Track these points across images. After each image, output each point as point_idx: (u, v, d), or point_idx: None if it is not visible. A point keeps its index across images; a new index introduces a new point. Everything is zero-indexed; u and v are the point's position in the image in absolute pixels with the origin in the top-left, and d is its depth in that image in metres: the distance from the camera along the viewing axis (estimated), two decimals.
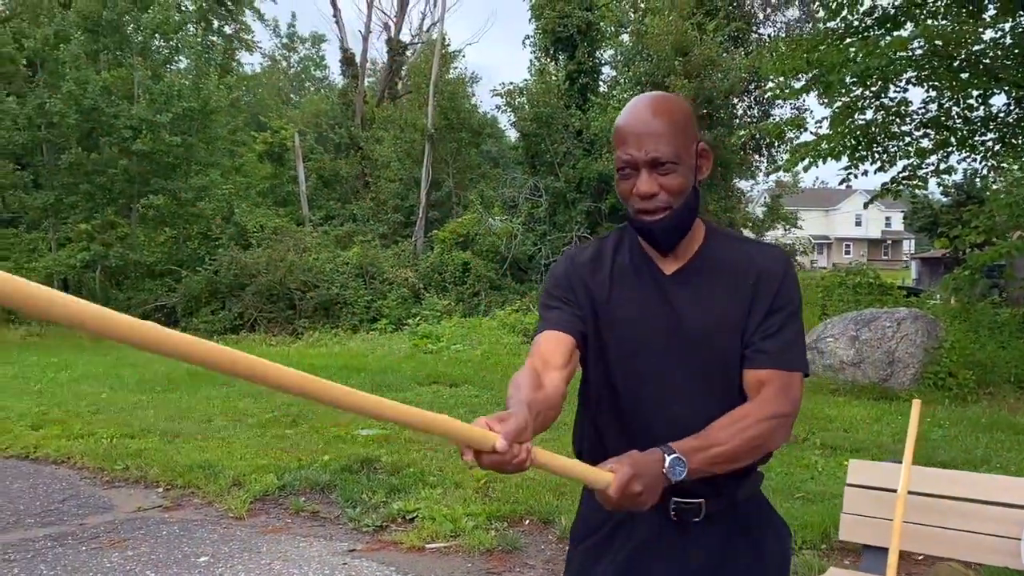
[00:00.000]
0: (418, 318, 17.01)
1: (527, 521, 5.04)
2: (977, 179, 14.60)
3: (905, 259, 59.78)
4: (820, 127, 13.47)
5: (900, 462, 3.16)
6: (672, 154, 1.50)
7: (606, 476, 1.29)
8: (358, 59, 30.87)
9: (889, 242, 69.09)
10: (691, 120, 1.58)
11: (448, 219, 22.65)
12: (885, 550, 3.04)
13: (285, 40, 55.08)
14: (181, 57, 22.63)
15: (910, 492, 2.89)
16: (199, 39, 23.53)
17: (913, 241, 58.90)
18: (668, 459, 1.33)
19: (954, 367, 9.12)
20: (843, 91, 12.33)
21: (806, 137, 14.29)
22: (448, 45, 27.90)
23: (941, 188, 28.47)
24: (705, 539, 1.58)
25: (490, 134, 27.59)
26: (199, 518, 5.33)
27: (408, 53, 33.05)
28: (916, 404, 2.92)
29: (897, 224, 63.08)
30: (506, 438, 1.17)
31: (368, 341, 16.01)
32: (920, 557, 4.02)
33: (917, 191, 15.31)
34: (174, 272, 19.99)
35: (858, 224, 67.21)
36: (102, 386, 10.05)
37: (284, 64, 56.39)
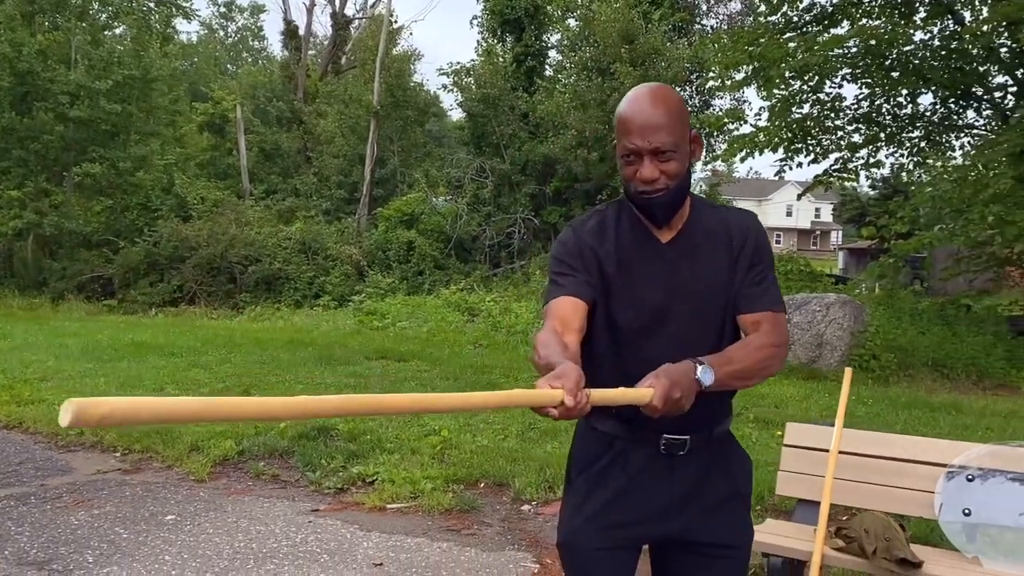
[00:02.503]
0: (362, 295, 17.08)
1: (482, 484, 5.30)
2: (903, 173, 15.31)
3: (833, 249, 61.66)
4: (759, 119, 13.96)
5: (832, 425, 3.52)
6: (672, 143, 1.73)
7: (647, 392, 1.53)
8: (302, 31, 30.49)
9: (818, 232, 71.09)
10: (686, 110, 1.81)
11: (393, 197, 22.68)
12: (817, 503, 3.40)
13: (223, 9, 53.82)
14: (120, 23, 22.06)
15: (840, 452, 3.23)
16: (138, 3, 22.95)
17: (841, 232, 60.73)
18: (699, 368, 1.62)
19: (877, 350, 9.69)
20: (782, 85, 12.82)
21: (745, 129, 14.78)
22: (395, 21, 27.77)
23: (869, 182, 29.58)
24: (687, 468, 1.85)
25: (435, 113, 27.59)
26: (160, 480, 5.45)
27: (352, 27, 32.75)
28: (848, 372, 3.26)
29: (826, 215, 65.06)
30: (571, 393, 1.41)
31: (312, 317, 16.05)
32: (848, 510, 4.41)
33: (847, 183, 15.98)
34: (111, 243, 19.62)
35: (789, 215, 68.93)
36: (46, 355, 9.96)
37: (221, 33, 55.15)
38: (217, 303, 18.23)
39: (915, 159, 14.09)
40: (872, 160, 14.13)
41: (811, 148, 13.83)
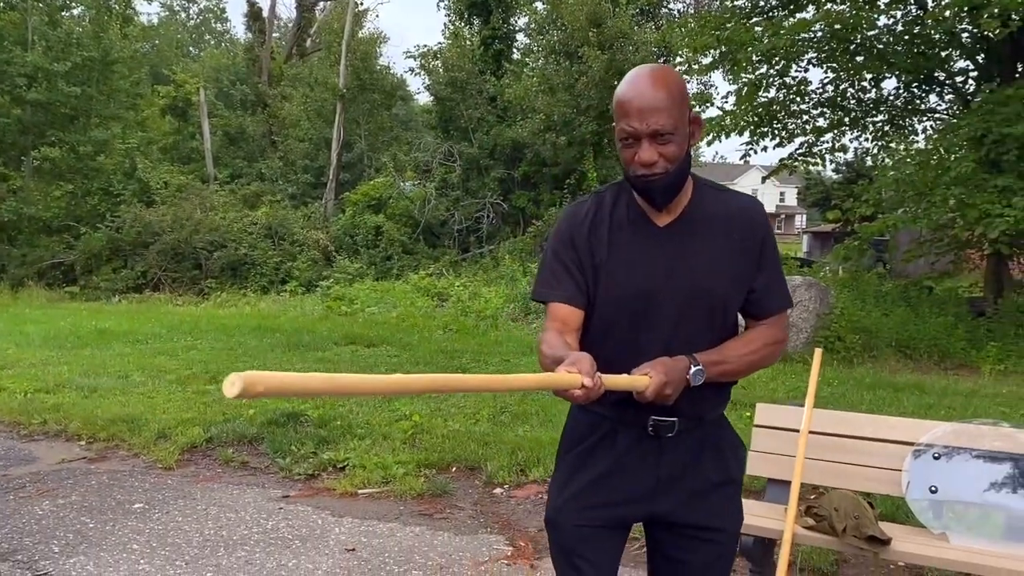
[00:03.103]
0: (330, 281, 16.94)
1: (454, 468, 5.30)
2: (868, 157, 15.50)
3: (797, 232, 62.38)
4: (726, 102, 14.01)
5: (802, 405, 3.56)
6: (671, 126, 1.70)
7: (643, 380, 1.65)
8: (265, 13, 30.05)
9: (783, 216, 71.85)
10: (685, 92, 1.77)
11: (360, 181, 22.48)
12: (787, 483, 3.44)
13: None
14: (78, 4, 21.55)
15: (810, 432, 3.27)
16: None
17: (805, 215, 61.42)
18: (693, 369, 1.70)
19: (842, 332, 9.81)
20: (749, 69, 12.88)
21: (712, 112, 14.85)
22: (361, 3, 27.45)
23: (833, 166, 29.90)
24: (676, 450, 1.85)
25: (402, 97, 27.37)
26: (127, 469, 5.38)
27: (317, 9, 32.33)
28: (818, 352, 3.29)
29: (791, 199, 65.77)
30: (588, 375, 1.52)
31: (279, 302, 15.91)
32: (817, 489, 4.47)
33: (812, 168, 16.12)
34: (72, 228, 19.26)
35: None
36: (7, 343, 9.77)
37: (183, 15, 54.16)
38: (182, 289, 17.99)
39: (879, 143, 14.26)
40: (837, 144, 14.28)
41: (777, 132, 13.92)
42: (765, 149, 14.30)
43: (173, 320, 12.66)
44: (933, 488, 3.10)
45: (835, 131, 13.99)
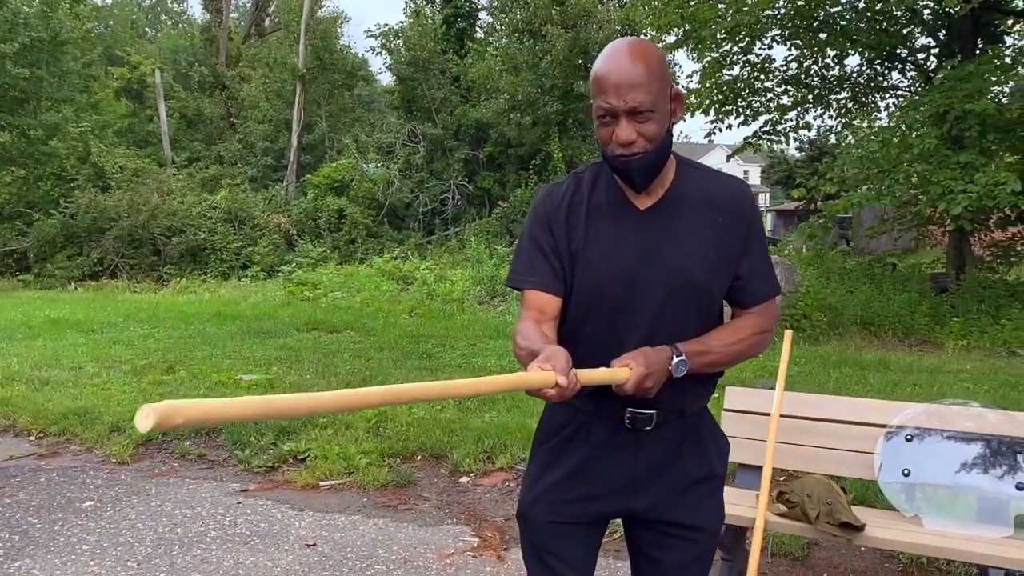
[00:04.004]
0: (292, 265, 16.67)
1: (419, 457, 5.18)
2: (832, 135, 15.56)
3: (760, 211, 62.86)
4: (691, 80, 13.96)
5: (772, 388, 3.48)
6: (650, 102, 1.59)
7: (623, 372, 1.55)
8: None
9: None
10: (665, 67, 1.66)
11: (321, 164, 22.14)
12: (758, 468, 3.36)
13: None
14: None
15: (780, 415, 3.19)
16: None
17: (768, 194, 61.94)
18: (675, 360, 1.60)
19: (808, 310, 9.83)
20: (713, 46, 12.82)
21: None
22: None
23: (796, 144, 30.12)
24: (654, 444, 1.75)
25: (363, 77, 26.96)
26: (79, 464, 5.18)
27: None
28: (788, 334, 3.21)
29: (754, 178, 66.12)
30: (562, 373, 1.41)
31: (240, 288, 15.61)
32: (786, 472, 4.42)
33: (775, 146, 16.15)
34: (24, 215, 18.73)
35: None
36: None
37: None
38: (140, 276, 17.60)
39: (842, 120, 14.30)
40: (801, 122, 14.30)
41: (741, 110, 13.91)
42: (730, 127, 14.28)
43: (130, 308, 12.34)
44: (906, 471, 3.04)
45: (799, 109, 14.01)
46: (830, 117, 14.29)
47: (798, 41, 12.88)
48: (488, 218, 18.53)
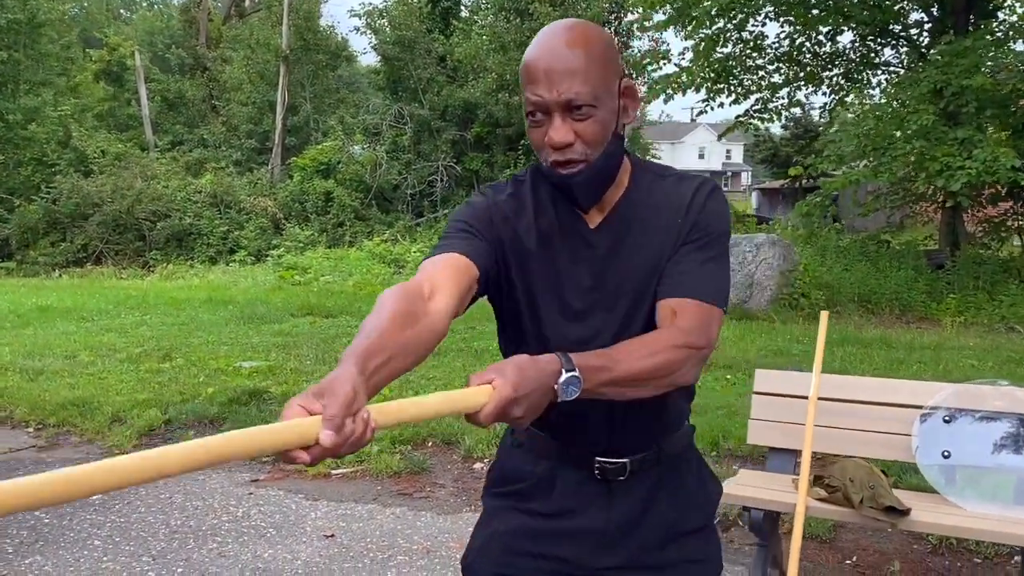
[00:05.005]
0: (280, 249, 16.49)
1: (431, 443, 5.11)
2: (823, 112, 15.52)
3: (744, 189, 63.00)
4: (682, 59, 13.86)
5: (801, 371, 3.43)
6: (589, 95, 1.27)
7: (481, 397, 1.07)
8: None
9: (729, 174, 72.38)
10: (613, 52, 1.34)
11: (307, 146, 21.87)
12: (790, 451, 3.31)
13: None
14: None
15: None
16: None
17: (750, 172, 62.03)
18: (564, 376, 1.14)
19: (806, 288, 9.82)
20: (707, 24, 12.71)
21: (668, 69, 14.66)
22: None
23: (782, 122, 30.09)
24: (628, 495, 1.45)
25: (347, 57, 26.63)
26: (81, 457, 5.06)
27: None
28: (824, 315, 3.15)
29: (737, 157, 66.30)
30: (331, 423, 0.91)
31: (229, 273, 15.43)
32: (815, 456, 4.39)
33: (762, 124, 16.10)
34: (5, 201, 18.42)
35: (701, 157, 69.99)
36: None
37: None
38: (126, 262, 17.36)
39: (834, 97, 14.26)
40: (792, 100, 14.25)
41: (733, 88, 13.83)
42: (722, 106, 14.17)
43: (119, 295, 12.15)
44: (946, 453, 2.99)
45: (791, 86, 13.95)
46: (823, 95, 14.25)
47: (791, 17, 12.80)
48: None
